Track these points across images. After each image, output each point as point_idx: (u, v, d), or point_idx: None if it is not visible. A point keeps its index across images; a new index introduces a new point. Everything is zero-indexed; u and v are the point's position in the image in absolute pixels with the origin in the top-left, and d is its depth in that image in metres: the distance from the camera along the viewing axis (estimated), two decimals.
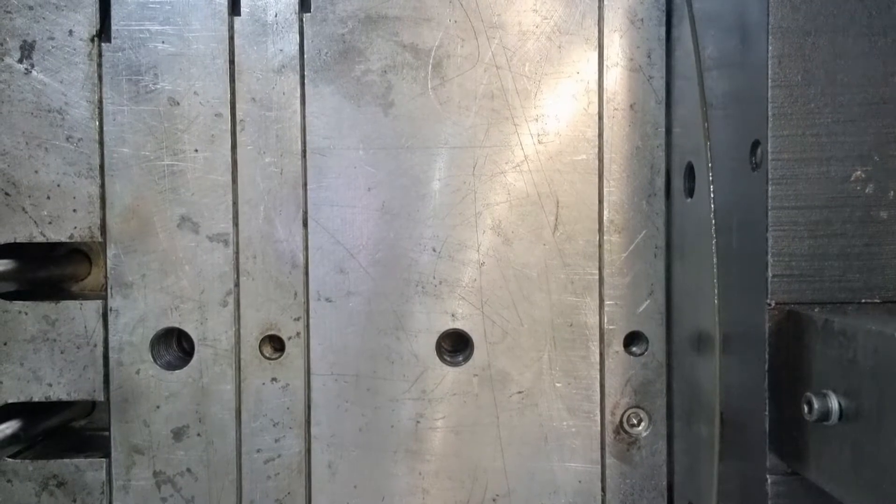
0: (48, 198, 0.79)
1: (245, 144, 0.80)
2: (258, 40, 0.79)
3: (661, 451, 0.81)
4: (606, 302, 0.81)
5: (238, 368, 0.80)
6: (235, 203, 0.80)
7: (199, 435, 0.80)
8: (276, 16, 0.79)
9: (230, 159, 0.80)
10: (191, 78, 0.79)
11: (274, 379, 0.80)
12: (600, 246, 0.80)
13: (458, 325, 0.80)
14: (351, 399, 0.80)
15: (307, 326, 0.80)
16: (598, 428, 0.81)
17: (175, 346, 0.82)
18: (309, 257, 0.80)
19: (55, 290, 0.90)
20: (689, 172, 0.74)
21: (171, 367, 0.80)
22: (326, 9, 0.79)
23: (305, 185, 0.80)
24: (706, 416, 0.71)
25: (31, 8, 0.78)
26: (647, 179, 0.81)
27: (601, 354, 0.81)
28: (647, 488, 0.82)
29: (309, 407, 0.80)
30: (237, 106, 0.80)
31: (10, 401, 0.79)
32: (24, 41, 0.78)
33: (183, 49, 0.79)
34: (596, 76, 0.80)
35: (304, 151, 0.80)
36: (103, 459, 0.80)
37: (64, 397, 0.80)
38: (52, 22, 0.78)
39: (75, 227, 0.79)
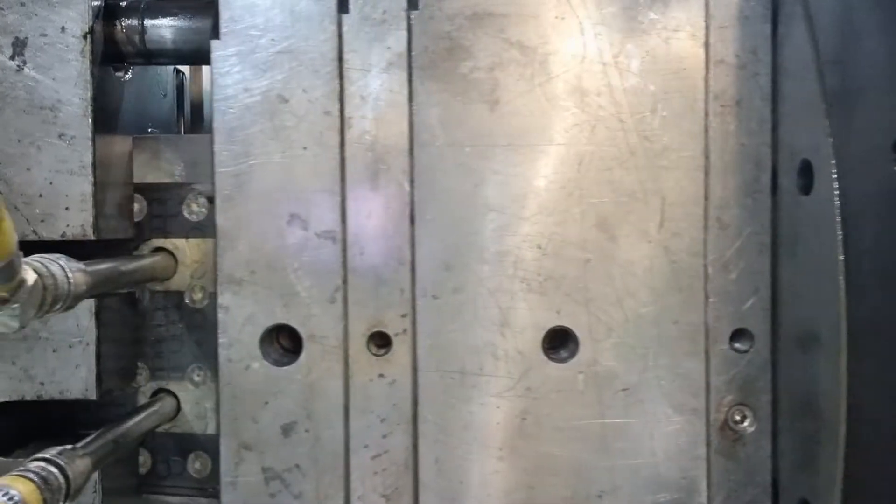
0: (40, 196, 0.78)
1: (353, 142, 0.80)
2: (366, 38, 0.80)
3: (766, 447, 0.81)
4: (711, 299, 0.81)
5: (346, 365, 0.80)
6: (343, 200, 0.80)
7: (307, 431, 0.80)
8: (383, 13, 0.80)
9: (339, 157, 0.80)
10: (299, 76, 0.80)
11: (381, 375, 0.81)
12: (705, 243, 0.80)
13: (564, 321, 0.81)
14: (457, 395, 0.81)
15: (414, 323, 0.80)
16: (703, 424, 0.81)
17: (279, 342, 0.83)
18: (415, 254, 0.80)
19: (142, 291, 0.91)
20: (805, 169, 0.74)
21: (278, 363, 0.81)
22: (434, 6, 0.80)
23: (413, 182, 0.80)
24: (827, 413, 0.71)
25: (23, 4, 0.77)
26: (752, 176, 0.81)
27: (706, 351, 0.81)
28: (752, 484, 0.82)
29: (416, 403, 0.81)
30: (345, 103, 0.80)
31: (1, 399, 0.79)
32: (17, 38, 0.77)
33: (292, 47, 0.80)
34: (702, 73, 0.80)
35: (411, 149, 0.80)
36: None
37: (56, 396, 0.79)
38: (45, 18, 0.77)
39: (67, 225, 0.78)
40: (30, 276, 0.59)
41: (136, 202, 0.90)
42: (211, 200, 0.89)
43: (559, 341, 0.82)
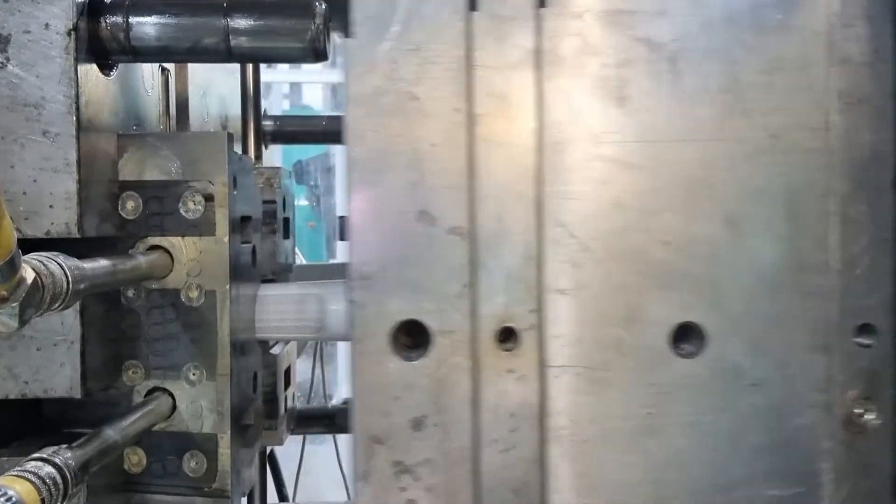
0: (24, 193, 0.77)
1: (482, 139, 0.81)
2: (495, 35, 0.80)
3: (888, 440, 0.82)
4: (836, 294, 0.81)
5: (475, 360, 0.81)
6: (472, 197, 0.81)
7: (436, 425, 0.81)
8: (513, 11, 0.80)
9: (467, 154, 0.81)
10: (428, 73, 0.80)
11: (510, 370, 0.81)
12: (831, 239, 0.81)
13: (691, 317, 0.81)
14: (584, 390, 0.81)
15: (542, 318, 0.81)
16: (828, 419, 0.82)
17: (409, 337, 0.83)
18: (543, 250, 0.81)
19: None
20: None
21: (408, 358, 0.81)
22: (562, 3, 0.80)
23: (541, 178, 0.81)
24: None
25: (6, 1, 0.76)
26: (875, 173, 0.81)
27: (831, 346, 0.81)
28: (874, 477, 0.82)
29: (544, 398, 0.81)
30: (474, 101, 0.80)
31: None
32: (0, 34, 0.77)
33: (422, 45, 0.80)
34: (826, 71, 0.81)
35: (540, 146, 0.81)
36: None
37: (40, 395, 0.79)
38: (28, 15, 0.76)
39: (52, 223, 0.77)
40: (28, 275, 0.59)
41: (131, 200, 0.89)
42: (207, 198, 0.89)
43: (686, 336, 0.82)
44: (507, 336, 0.82)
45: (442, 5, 0.80)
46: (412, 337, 0.82)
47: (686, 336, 0.82)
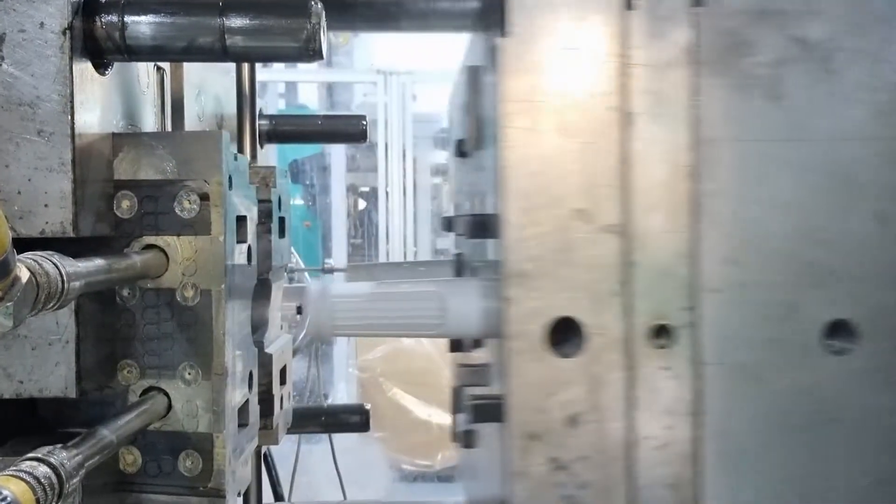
0: (19, 193, 0.76)
1: (637, 137, 0.81)
2: (651, 34, 0.81)
3: None
4: None
5: (630, 357, 0.81)
6: (627, 194, 0.81)
7: (592, 422, 0.81)
8: (669, 10, 0.81)
9: (623, 151, 0.81)
10: (583, 72, 0.81)
11: (664, 367, 0.81)
12: None
13: (846, 314, 0.82)
14: (740, 389, 0.82)
15: (697, 316, 0.81)
16: None
17: (563, 334, 0.83)
18: (698, 248, 0.81)
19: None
20: None
21: (564, 355, 0.81)
22: (718, 2, 0.81)
23: (696, 176, 0.81)
24: None
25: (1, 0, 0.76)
26: None
27: None
28: None
29: (699, 395, 0.82)
30: (630, 99, 0.81)
31: None
32: None
33: (577, 44, 0.80)
34: None
35: (695, 143, 0.81)
36: None
37: (35, 394, 0.78)
38: (23, 14, 0.75)
39: (47, 223, 0.76)
40: (23, 274, 0.58)
41: (126, 199, 0.87)
42: (203, 198, 0.88)
43: (837, 333, 0.83)
44: (660, 333, 0.82)
45: (598, 5, 0.80)
46: (560, 334, 0.83)
47: (837, 333, 0.83)
